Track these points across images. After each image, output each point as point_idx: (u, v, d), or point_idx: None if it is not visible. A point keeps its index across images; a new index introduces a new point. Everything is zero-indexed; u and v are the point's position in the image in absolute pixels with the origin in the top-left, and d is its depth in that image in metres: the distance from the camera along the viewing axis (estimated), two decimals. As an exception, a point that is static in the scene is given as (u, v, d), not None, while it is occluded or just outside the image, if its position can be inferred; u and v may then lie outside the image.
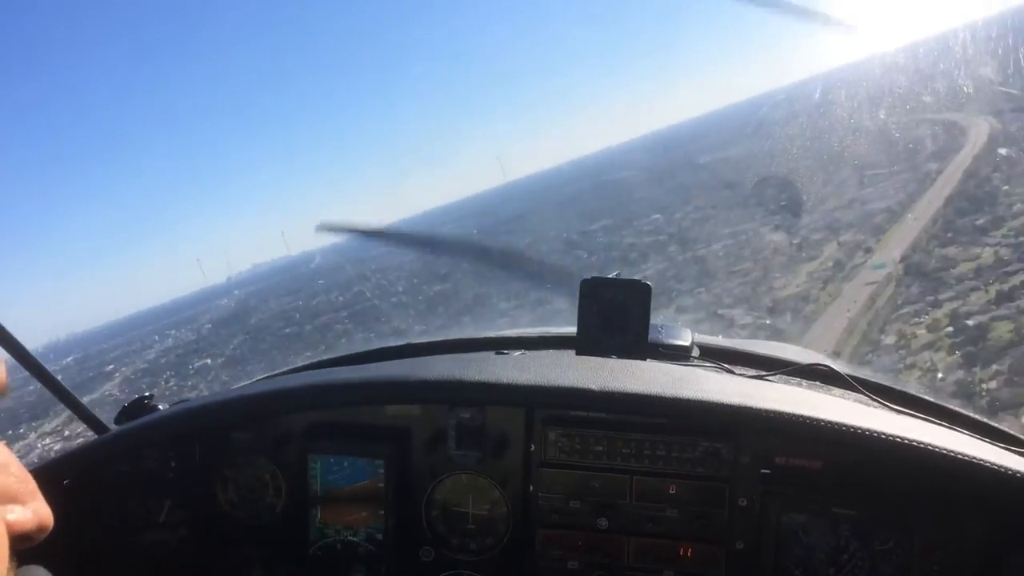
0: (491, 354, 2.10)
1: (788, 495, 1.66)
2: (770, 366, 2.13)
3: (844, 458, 1.61)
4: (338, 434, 1.91)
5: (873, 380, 2.08)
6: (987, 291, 17.51)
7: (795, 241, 27.32)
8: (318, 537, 1.91)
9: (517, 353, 2.14)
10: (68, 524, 1.61)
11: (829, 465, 1.63)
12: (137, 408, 2.18)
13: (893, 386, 2.07)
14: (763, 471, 1.67)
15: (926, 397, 2.03)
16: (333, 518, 1.90)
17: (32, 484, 0.67)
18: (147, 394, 2.23)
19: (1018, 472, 1.45)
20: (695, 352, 2.22)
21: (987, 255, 19.50)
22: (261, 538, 1.98)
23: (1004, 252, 19.10)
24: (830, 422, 1.54)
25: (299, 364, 2.69)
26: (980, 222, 21.68)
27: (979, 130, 31.36)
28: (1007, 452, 1.63)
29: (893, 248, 22.94)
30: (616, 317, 2.07)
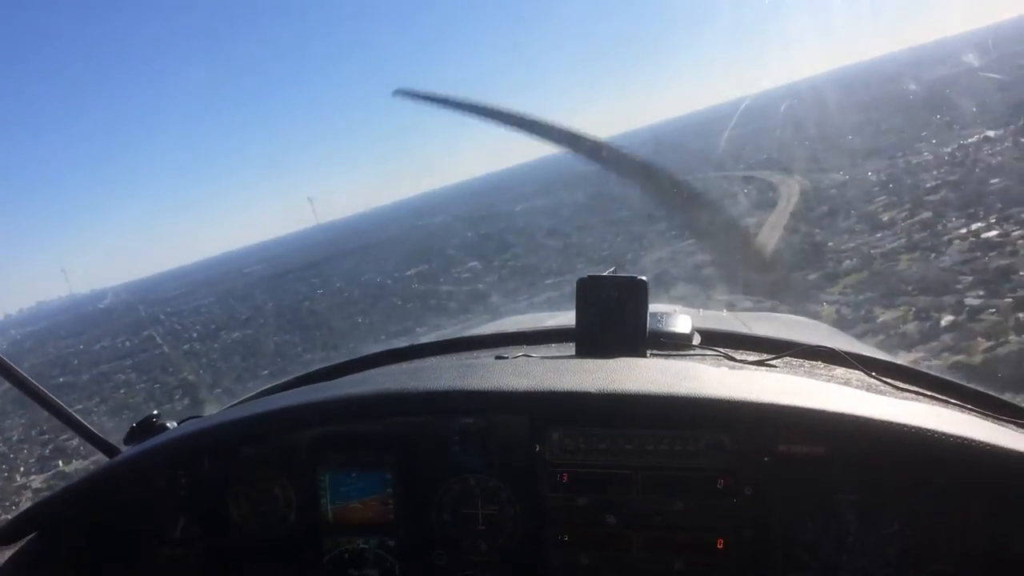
0: (492, 359, 2.12)
1: (792, 482, 1.63)
2: (772, 349, 2.15)
3: (846, 444, 1.58)
4: (344, 445, 1.92)
5: (876, 358, 2.09)
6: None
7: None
8: (331, 547, 1.93)
9: (519, 354, 2.15)
10: (90, 545, 1.95)
11: (832, 451, 1.61)
12: (146, 428, 2.21)
13: (897, 363, 2.10)
14: (765, 459, 1.64)
15: (931, 373, 2.03)
16: (345, 528, 1.91)
17: None
18: (155, 412, 2.26)
19: (1019, 452, 1.42)
20: (695, 340, 2.23)
21: (828, 313, 18.12)
22: (275, 550, 2.00)
23: (845, 311, 17.76)
24: (829, 412, 1.52)
25: (302, 373, 2.68)
26: (812, 277, 20.61)
27: (790, 187, 31.74)
28: (1011, 429, 1.63)
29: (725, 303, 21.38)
30: (614, 313, 2.05)
